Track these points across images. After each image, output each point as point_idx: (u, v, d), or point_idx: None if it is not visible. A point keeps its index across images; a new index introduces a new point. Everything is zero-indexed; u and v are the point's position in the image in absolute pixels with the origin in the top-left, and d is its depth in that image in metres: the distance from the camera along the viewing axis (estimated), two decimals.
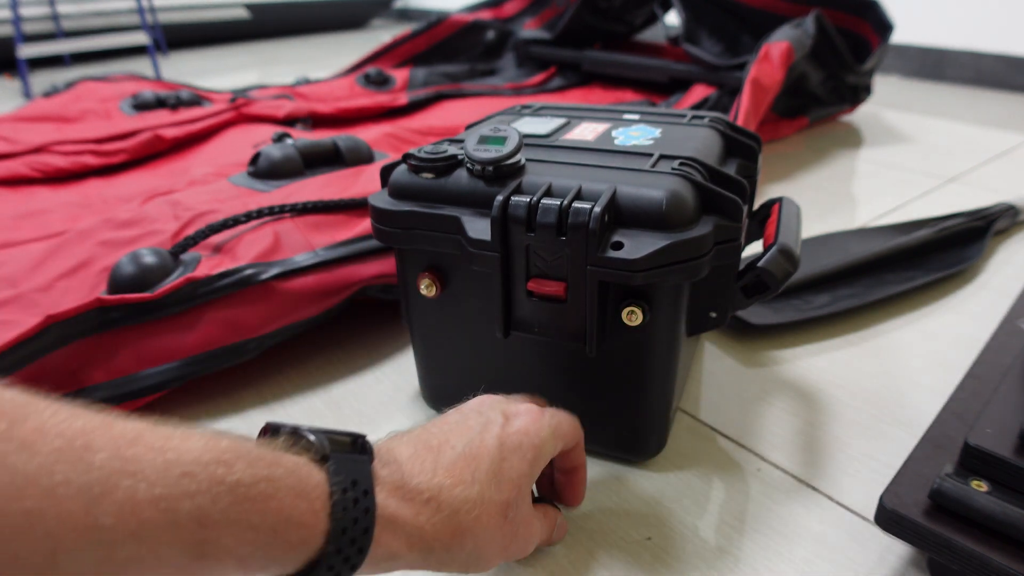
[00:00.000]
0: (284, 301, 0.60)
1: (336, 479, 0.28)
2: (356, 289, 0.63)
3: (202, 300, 0.57)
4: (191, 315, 0.57)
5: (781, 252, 0.46)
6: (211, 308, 0.57)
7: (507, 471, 0.35)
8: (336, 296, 0.62)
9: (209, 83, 1.94)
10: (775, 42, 1.12)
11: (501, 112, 0.61)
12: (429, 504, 0.31)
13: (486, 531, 0.33)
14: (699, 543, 0.44)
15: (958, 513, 0.38)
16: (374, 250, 0.64)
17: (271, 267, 0.60)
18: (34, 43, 2.08)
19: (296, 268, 0.60)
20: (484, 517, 0.33)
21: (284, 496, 0.26)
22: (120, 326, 0.55)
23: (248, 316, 0.58)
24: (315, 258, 0.62)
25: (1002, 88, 1.81)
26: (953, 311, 0.72)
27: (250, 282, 0.58)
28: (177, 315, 0.57)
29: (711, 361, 0.64)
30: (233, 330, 0.58)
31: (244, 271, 0.59)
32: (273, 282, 0.59)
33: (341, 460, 0.29)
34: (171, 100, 1.20)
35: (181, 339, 0.56)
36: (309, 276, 0.61)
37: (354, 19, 3.42)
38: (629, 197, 0.42)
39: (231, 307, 0.58)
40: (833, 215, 0.96)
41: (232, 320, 0.58)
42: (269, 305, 0.59)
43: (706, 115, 0.57)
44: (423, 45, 1.59)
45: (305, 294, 0.60)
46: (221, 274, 0.58)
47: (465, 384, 0.53)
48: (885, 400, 0.58)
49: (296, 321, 0.60)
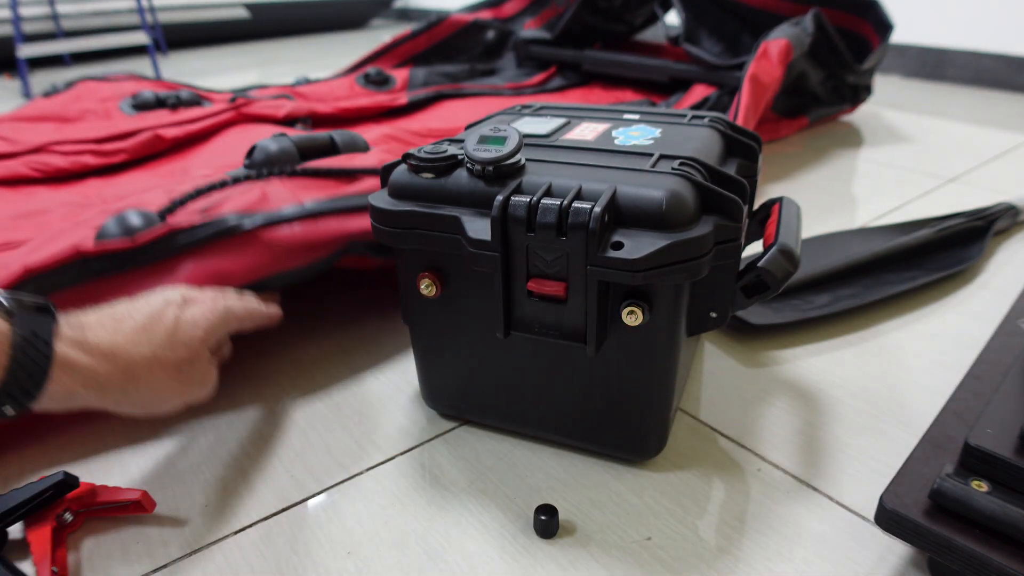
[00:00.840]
0: (268, 251, 0.58)
1: (18, 330, 0.37)
2: (344, 244, 0.61)
3: (185, 249, 0.56)
4: (173, 264, 0.56)
5: (781, 252, 0.46)
6: (194, 257, 0.56)
7: (182, 338, 0.46)
8: (323, 249, 0.60)
9: (209, 83, 1.94)
10: (773, 39, 1.12)
11: (501, 112, 0.61)
12: (107, 357, 0.42)
13: (160, 382, 0.45)
14: (699, 543, 0.44)
15: (958, 513, 0.38)
16: (364, 206, 0.62)
17: (255, 217, 0.59)
18: (34, 43, 2.07)
19: (281, 218, 0.59)
20: (158, 371, 0.44)
21: None
22: (102, 276, 0.54)
23: (232, 266, 0.57)
24: (302, 210, 0.60)
25: (1002, 88, 1.80)
26: (953, 311, 0.72)
27: (234, 231, 0.57)
28: (159, 264, 0.56)
29: (711, 361, 0.64)
30: (216, 279, 0.56)
31: (228, 220, 0.58)
32: (257, 231, 0.58)
33: (25, 317, 0.39)
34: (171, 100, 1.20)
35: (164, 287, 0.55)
36: (295, 226, 0.59)
37: (354, 19, 3.42)
38: (629, 197, 0.42)
39: (214, 256, 0.57)
40: (833, 215, 0.96)
41: (215, 269, 0.57)
42: (253, 254, 0.58)
43: (706, 115, 0.57)
44: (423, 45, 1.59)
45: (290, 245, 0.59)
46: (204, 223, 0.57)
47: (465, 384, 0.53)
48: (885, 400, 0.58)
49: (281, 271, 0.59)
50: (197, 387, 0.49)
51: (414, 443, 0.54)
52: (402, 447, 0.54)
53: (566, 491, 0.49)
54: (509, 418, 0.53)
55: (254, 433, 0.55)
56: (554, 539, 0.45)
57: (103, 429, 0.56)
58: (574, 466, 0.51)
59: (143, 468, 0.52)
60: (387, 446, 0.54)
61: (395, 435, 0.55)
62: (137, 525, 0.47)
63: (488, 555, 0.44)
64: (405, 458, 0.52)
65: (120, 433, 0.55)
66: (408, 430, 0.55)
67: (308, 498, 0.49)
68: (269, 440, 0.55)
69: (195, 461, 0.52)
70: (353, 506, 0.48)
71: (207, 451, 0.53)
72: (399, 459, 0.52)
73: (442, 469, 0.51)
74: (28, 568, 0.43)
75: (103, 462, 0.52)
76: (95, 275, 0.54)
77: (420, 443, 0.54)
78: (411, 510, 0.47)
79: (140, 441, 0.54)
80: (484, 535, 0.45)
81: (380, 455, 0.53)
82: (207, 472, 0.51)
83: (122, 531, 0.46)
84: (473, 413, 0.54)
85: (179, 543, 0.45)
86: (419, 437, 0.55)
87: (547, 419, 0.51)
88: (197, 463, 0.52)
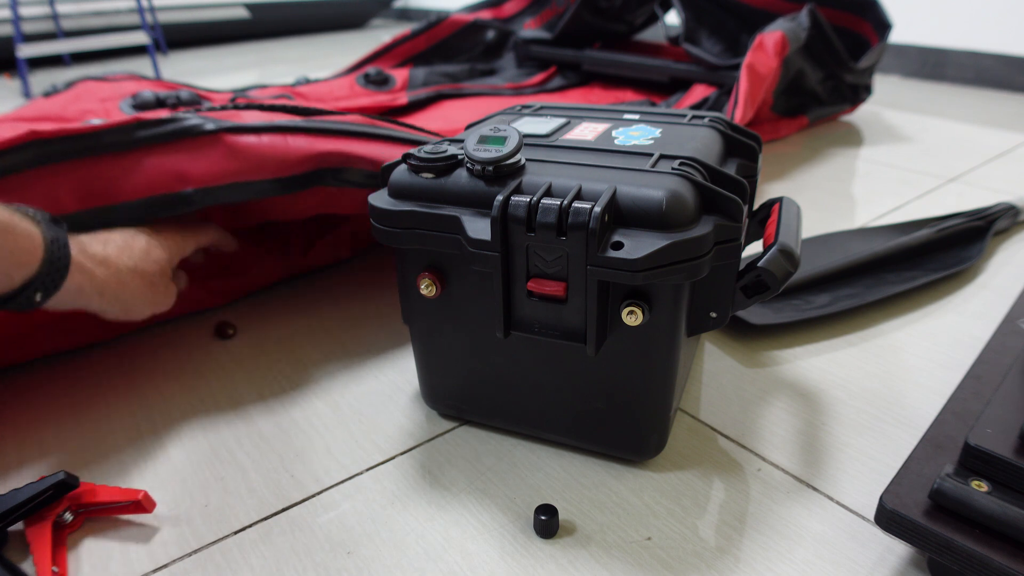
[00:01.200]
0: (232, 156, 0.57)
1: (49, 234, 0.46)
2: (314, 165, 0.60)
3: (146, 143, 0.56)
4: (135, 156, 0.56)
5: (781, 252, 0.46)
6: (155, 152, 0.56)
7: (152, 256, 0.55)
8: (291, 167, 0.59)
9: (209, 83, 1.94)
10: (769, 32, 1.13)
11: (501, 112, 0.61)
12: (101, 264, 0.50)
13: (138, 289, 0.53)
14: (699, 543, 0.44)
15: (958, 513, 0.38)
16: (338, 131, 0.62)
17: (222, 122, 0.58)
18: (34, 43, 2.07)
19: (248, 127, 0.58)
20: (137, 279, 0.53)
21: (19, 234, 0.43)
22: (59, 161, 0.54)
23: (193, 166, 0.56)
24: (271, 124, 0.60)
25: (1002, 88, 1.80)
26: (953, 311, 0.72)
27: (196, 131, 0.57)
28: (120, 154, 0.55)
29: (711, 361, 0.64)
30: (177, 178, 0.56)
31: (191, 118, 0.57)
32: (222, 134, 0.57)
33: (51, 226, 0.47)
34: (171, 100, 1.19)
35: (124, 181, 0.55)
36: (263, 136, 0.59)
37: (354, 19, 3.42)
38: (629, 197, 0.42)
39: (176, 154, 0.56)
40: (833, 215, 0.96)
41: (176, 168, 0.56)
42: (215, 157, 0.57)
43: (706, 115, 0.57)
44: (423, 45, 1.58)
45: (256, 154, 0.58)
46: (169, 118, 0.56)
47: (465, 384, 0.53)
48: (885, 400, 0.58)
49: (245, 181, 0.58)
50: (163, 298, 0.57)
51: (414, 443, 0.54)
52: (402, 447, 0.54)
53: (566, 491, 0.49)
54: (509, 418, 0.53)
55: (254, 433, 0.55)
56: (554, 539, 0.45)
57: (103, 429, 0.56)
58: (574, 466, 0.51)
59: (143, 468, 0.52)
60: (387, 446, 0.54)
61: (395, 435, 0.55)
62: (137, 525, 0.47)
63: (488, 555, 0.44)
64: (405, 458, 0.52)
65: (120, 433, 0.55)
66: (408, 430, 0.55)
67: (308, 498, 0.49)
68: (269, 440, 0.55)
69: (195, 461, 0.52)
70: (353, 506, 0.48)
71: (207, 451, 0.53)
72: (399, 459, 0.52)
73: (442, 469, 0.51)
74: (28, 568, 0.43)
75: (103, 462, 0.52)
76: (52, 158, 0.54)
77: (420, 443, 0.54)
78: (411, 510, 0.47)
79: (140, 441, 0.54)
80: (484, 535, 0.45)
81: (380, 455, 0.53)
82: (207, 472, 0.51)
83: (122, 531, 0.46)
84: (473, 413, 0.54)
85: (179, 543, 0.45)
86: (419, 437, 0.55)
87: (547, 419, 0.51)
88: (197, 463, 0.52)
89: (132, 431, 0.55)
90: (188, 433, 0.55)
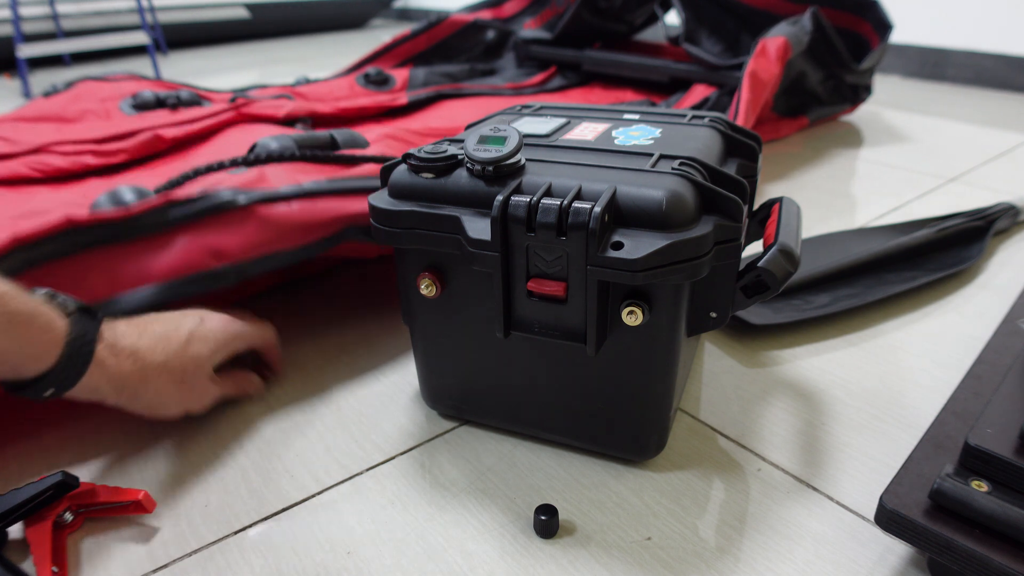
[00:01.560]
0: (265, 228, 0.57)
1: (73, 328, 0.44)
2: (342, 226, 0.60)
3: (180, 223, 0.55)
4: (168, 237, 0.55)
5: (781, 252, 0.46)
6: (189, 231, 0.56)
7: (190, 352, 0.51)
8: (321, 230, 0.59)
9: (209, 83, 1.94)
10: (771, 37, 1.12)
11: (501, 112, 0.61)
12: (129, 358, 0.48)
13: (167, 386, 0.50)
14: (699, 543, 0.44)
15: (958, 513, 0.38)
16: (362, 188, 0.62)
17: (253, 192, 0.58)
18: (34, 43, 2.07)
19: (279, 195, 0.58)
20: (165, 376, 0.50)
21: (38, 327, 0.42)
22: (94, 247, 0.53)
23: (227, 241, 0.56)
24: (299, 189, 0.59)
25: (1002, 88, 1.80)
26: (953, 311, 0.72)
27: (230, 206, 0.56)
28: (153, 237, 0.55)
29: (711, 361, 0.64)
30: (211, 255, 0.56)
31: (223, 194, 0.57)
32: (254, 207, 0.57)
33: (79, 319, 0.45)
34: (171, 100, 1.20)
35: (157, 262, 0.55)
36: (293, 203, 0.58)
37: (354, 19, 3.42)
38: (629, 197, 0.42)
39: (210, 231, 0.56)
40: (833, 215, 0.96)
41: (211, 245, 0.56)
42: (249, 231, 0.57)
43: (706, 115, 0.57)
44: (423, 45, 1.59)
45: (287, 223, 0.58)
46: (200, 196, 0.56)
47: (465, 384, 0.53)
48: (885, 400, 0.58)
49: (277, 251, 0.58)
50: (195, 398, 0.53)
51: (414, 443, 0.54)
52: (402, 447, 0.54)
53: (566, 491, 0.49)
54: (509, 418, 0.53)
55: (254, 433, 0.55)
56: (554, 539, 0.45)
57: (103, 429, 0.56)
58: (574, 466, 0.51)
59: (143, 468, 0.52)
60: (387, 446, 0.54)
61: (395, 435, 0.55)
62: (137, 525, 0.47)
63: (488, 555, 0.44)
64: (405, 458, 0.52)
65: (120, 433, 0.55)
66: (408, 430, 0.55)
67: (308, 498, 0.49)
68: (269, 440, 0.54)
69: (195, 461, 0.52)
70: (353, 506, 0.48)
71: (207, 451, 0.53)
72: (399, 459, 0.52)
73: (442, 469, 0.51)
74: (28, 568, 0.43)
75: (103, 462, 0.52)
76: (86, 246, 0.53)
77: (420, 443, 0.54)
78: (411, 510, 0.47)
79: (140, 441, 0.54)
80: (484, 535, 0.45)
81: (380, 455, 0.53)
82: (207, 472, 0.51)
83: (122, 531, 0.46)
84: (473, 413, 0.54)
85: (179, 543, 0.45)
86: (419, 437, 0.55)
87: (547, 419, 0.51)
88: (197, 463, 0.52)
89: (132, 431, 0.55)
90: (188, 433, 0.55)
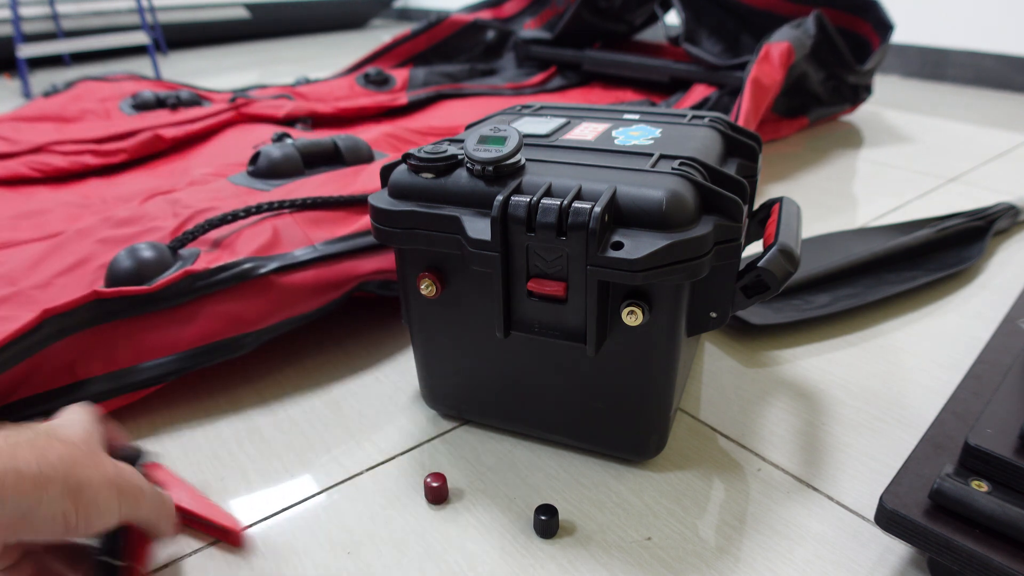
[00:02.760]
0: (283, 295, 0.60)
1: None
2: (355, 284, 0.63)
3: (200, 293, 0.57)
4: (189, 308, 0.57)
5: (781, 252, 0.46)
6: (210, 301, 0.57)
7: None
8: (335, 291, 0.62)
9: (209, 83, 1.94)
10: (775, 42, 1.12)
11: (501, 112, 0.61)
12: None
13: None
14: (699, 543, 0.44)
15: (958, 513, 0.38)
16: (373, 246, 0.64)
17: (270, 261, 0.60)
18: (34, 43, 2.07)
19: (295, 263, 0.61)
20: None
21: None
22: (118, 318, 0.55)
23: (247, 310, 0.58)
24: (314, 253, 0.62)
25: (1002, 88, 1.80)
26: (953, 311, 0.72)
27: (249, 276, 0.58)
28: (175, 308, 0.57)
29: (711, 361, 0.64)
30: (232, 323, 0.58)
31: (243, 265, 0.59)
32: (272, 276, 0.59)
33: None
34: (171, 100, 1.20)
35: (179, 332, 0.56)
36: (308, 271, 0.61)
37: (354, 19, 3.42)
38: (629, 197, 0.42)
39: (230, 300, 0.58)
40: (833, 215, 0.96)
41: (231, 314, 0.58)
42: (268, 299, 0.59)
43: (706, 115, 0.57)
44: (423, 45, 1.59)
45: (304, 288, 0.60)
46: (220, 267, 0.58)
47: (465, 384, 0.53)
48: (885, 400, 0.58)
49: (295, 315, 0.60)
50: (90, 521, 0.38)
51: (414, 443, 0.54)
52: (402, 447, 0.54)
53: (566, 491, 0.49)
54: (509, 418, 0.53)
55: (254, 433, 0.55)
56: (554, 539, 0.45)
57: None
58: (574, 466, 0.51)
59: None
60: (387, 446, 0.54)
61: (395, 435, 0.55)
62: None
63: (488, 555, 0.44)
64: (405, 458, 0.52)
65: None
66: (408, 430, 0.55)
67: (308, 498, 0.49)
68: (269, 440, 0.54)
69: (195, 461, 0.52)
70: (353, 506, 0.48)
71: (207, 451, 0.53)
72: (399, 459, 0.52)
73: (442, 469, 0.51)
74: None
75: None
76: (112, 316, 0.55)
77: (420, 443, 0.54)
78: (411, 510, 0.47)
79: (140, 441, 0.54)
80: (484, 535, 0.45)
81: (380, 455, 0.53)
82: (207, 472, 0.51)
83: None
84: (473, 413, 0.54)
85: (179, 543, 0.45)
86: (419, 437, 0.55)
87: (547, 419, 0.51)
88: (197, 463, 0.52)
89: (132, 431, 0.55)
90: (188, 433, 0.55)
